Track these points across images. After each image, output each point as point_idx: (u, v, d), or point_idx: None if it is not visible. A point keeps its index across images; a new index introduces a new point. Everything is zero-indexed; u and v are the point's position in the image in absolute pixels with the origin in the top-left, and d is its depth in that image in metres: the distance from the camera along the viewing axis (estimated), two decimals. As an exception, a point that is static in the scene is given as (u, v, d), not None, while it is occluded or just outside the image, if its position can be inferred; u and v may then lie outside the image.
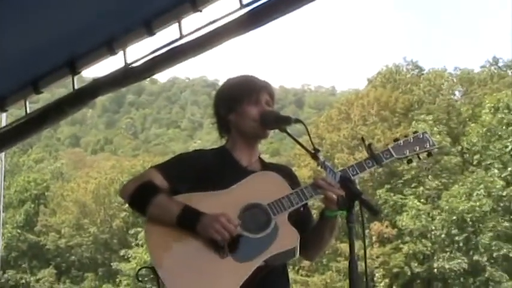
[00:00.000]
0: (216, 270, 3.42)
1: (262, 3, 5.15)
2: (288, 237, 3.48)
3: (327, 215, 3.59)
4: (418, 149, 3.82)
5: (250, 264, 3.40)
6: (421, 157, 3.87)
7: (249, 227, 3.48)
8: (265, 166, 3.88)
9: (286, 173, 3.84)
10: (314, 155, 3.47)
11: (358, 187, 3.26)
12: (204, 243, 3.46)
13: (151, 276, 3.56)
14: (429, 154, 3.87)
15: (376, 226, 43.91)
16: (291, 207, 3.54)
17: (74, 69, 6.57)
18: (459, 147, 46.85)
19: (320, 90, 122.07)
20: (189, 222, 3.48)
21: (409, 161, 3.87)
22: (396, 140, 3.85)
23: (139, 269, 3.84)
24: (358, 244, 3.22)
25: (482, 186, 42.01)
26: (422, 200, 44.38)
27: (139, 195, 3.64)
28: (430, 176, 45.48)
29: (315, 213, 3.88)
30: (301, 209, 3.65)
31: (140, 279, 3.81)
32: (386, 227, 44.07)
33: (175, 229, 3.50)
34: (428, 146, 3.84)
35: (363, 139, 3.81)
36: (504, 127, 43.23)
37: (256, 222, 3.50)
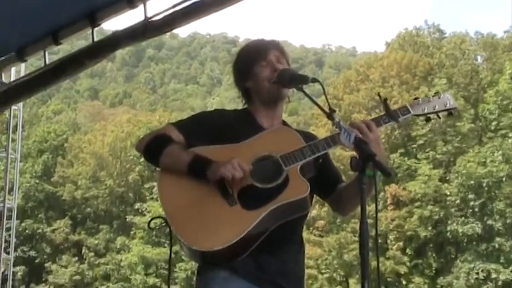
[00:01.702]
0: (224, 216, 3.43)
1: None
2: (297, 188, 3.47)
3: (366, 173, 3.57)
4: (437, 107, 3.78)
5: (258, 212, 3.41)
6: (440, 116, 3.83)
7: (259, 178, 3.48)
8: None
9: (309, 136, 3.80)
10: (329, 115, 3.44)
11: (372, 148, 3.23)
12: (215, 191, 3.47)
13: (163, 226, 3.59)
14: (450, 114, 3.83)
15: (391, 189, 43.93)
16: (303, 160, 3.53)
17: (93, 21, 6.55)
18: (476, 113, 46.65)
19: (341, 50, 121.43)
20: (199, 169, 3.48)
21: (428, 119, 3.84)
22: (416, 99, 3.81)
23: (152, 219, 3.87)
24: (371, 206, 3.21)
25: (499, 152, 41.88)
26: (435, 165, 44.36)
27: (153, 146, 3.65)
28: (444, 141, 45.38)
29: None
30: (319, 162, 3.65)
31: (152, 228, 3.84)
32: (403, 189, 44.08)
33: (187, 177, 3.51)
34: (448, 106, 3.80)
35: (379, 94, 3.77)
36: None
37: (267, 173, 3.50)
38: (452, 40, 52.76)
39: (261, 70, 3.73)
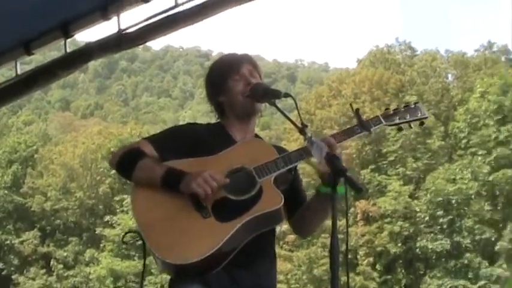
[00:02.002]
0: (198, 229, 3.42)
1: (259, -24, 5.13)
2: (271, 200, 3.47)
3: (320, 190, 3.60)
4: (408, 117, 3.82)
5: (232, 224, 3.40)
6: (412, 126, 3.87)
7: (233, 190, 3.48)
8: None
9: (281, 151, 3.78)
10: (302, 130, 3.46)
11: (343, 164, 3.26)
12: (188, 204, 3.47)
13: (137, 240, 3.58)
14: (421, 123, 3.87)
15: (361, 204, 44.13)
16: (277, 171, 3.53)
17: (66, 32, 6.52)
18: (446, 131, 47.12)
19: (313, 66, 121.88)
20: (172, 181, 3.48)
21: (400, 129, 3.88)
22: (387, 108, 3.87)
23: (125, 233, 3.86)
24: (342, 222, 3.22)
25: (469, 170, 42.30)
26: (405, 181, 44.68)
27: (126, 160, 3.65)
28: (414, 158, 45.76)
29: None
30: (291, 174, 3.67)
31: (126, 242, 3.83)
32: (372, 205, 44.30)
33: (160, 191, 3.51)
34: (419, 115, 3.84)
35: (351, 105, 3.83)
36: (491, 114, 43.47)
37: (241, 185, 3.50)
38: (424, 58, 53.31)
39: (235, 84, 3.74)
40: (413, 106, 3.86)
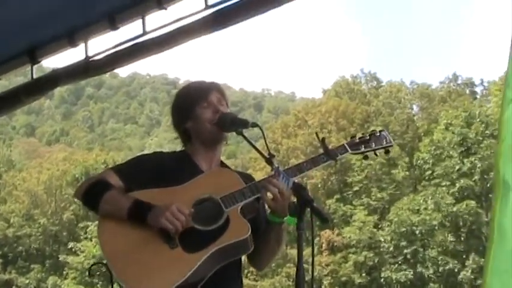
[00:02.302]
0: (166, 260, 3.41)
1: (227, 6, 5.15)
2: (238, 229, 3.47)
3: (271, 220, 3.59)
4: (374, 145, 3.83)
5: (200, 255, 3.40)
6: (377, 154, 3.88)
7: (200, 220, 3.48)
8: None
9: (247, 178, 3.81)
10: (268, 160, 3.47)
11: (310, 194, 3.27)
12: (155, 235, 3.45)
13: (103, 270, 3.56)
14: (387, 151, 3.89)
15: (326, 234, 44.17)
16: (244, 200, 3.53)
17: (33, 58, 6.49)
18: (411, 161, 47.51)
19: (280, 95, 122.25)
20: (139, 214, 3.46)
21: (365, 157, 3.89)
22: (353, 136, 3.87)
23: (92, 265, 3.86)
24: (307, 251, 3.23)
25: (432, 200, 42.60)
26: (370, 211, 44.88)
27: (92, 193, 3.62)
28: (379, 188, 45.99)
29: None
30: (258, 203, 3.65)
31: (91, 274, 3.81)
32: (338, 235, 44.38)
33: (127, 223, 3.49)
34: (384, 143, 3.86)
35: (317, 134, 3.80)
36: (455, 146, 43.91)
37: (208, 215, 3.49)
38: (389, 89, 53.83)
39: (203, 111, 3.73)
40: (378, 134, 3.87)
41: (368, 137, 3.84)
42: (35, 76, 6.72)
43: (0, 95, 7.15)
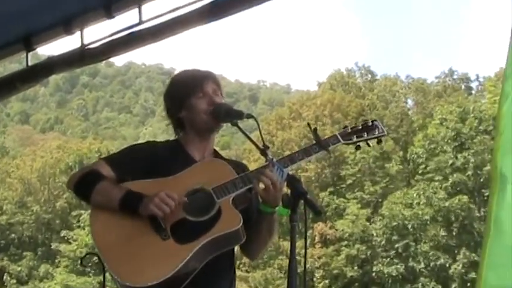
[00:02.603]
0: (157, 251, 3.42)
1: (224, -4, 5.15)
2: (230, 220, 3.48)
3: (262, 209, 3.59)
4: (366, 135, 3.82)
5: (191, 246, 3.40)
6: (370, 144, 3.87)
7: (192, 211, 3.48)
8: (220, 158, 3.86)
9: (240, 167, 3.81)
10: (263, 151, 3.48)
11: (304, 186, 3.27)
12: (147, 226, 3.46)
13: (95, 261, 3.56)
14: (379, 141, 3.88)
15: (319, 227, 44.22)
16: (235, 191, 3.53)
17: (29, 45, 6.48)
18: (405, 156, 47.56)
19: (275, 87, 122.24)
20: (131, 204, 3.47)
21: (357, 147, 3.87)
22: (345, 127, 3.85)
23: (85, 255, 3.84)
24: (300, 243, 3.24)
25: (425, 195, 42.67)
26: (362, 205, 44.92)
27: (84, 183, 3.63)
28: (372, 182, 46.03)
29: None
30: (249, 195, 3.65)
31: (85, 266, 3.81)
32: (330, 228, 44.43)
33: (119, 214, 3.50)
34: (377, 133, 3.84)
35: (309, 124, 3.79)
36: (449, 141, 43.97)
37: (200, 206, 3.50)
38: (383, 82, 53.82)
39: (198, 102, 3.73)
40: (371, 124, 3.86)
41: (360, 127, 3.84)
42: (30, 63, 6.72)
43: (-5, 82, 7.14)
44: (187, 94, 3.76)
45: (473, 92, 54.84)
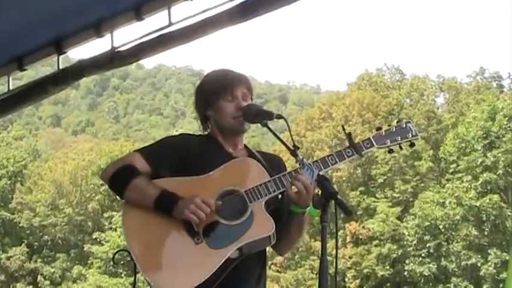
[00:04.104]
0: (190, 256, 3.42)
1: (254, -3, 5.15)
2: (262, 226, 3.47)
3: (292, 210, 3.57)
4: (399, 138, 3.78)
5: (224, 251, 3.41)
6: (402, 147, 3.83)
7: (225, 214, 3.48)
8: (252, 154, 3.84)
9: (273, 162, 3.81)
10: (293, 152, 3.47)
11: (334, 186, 3.25)
12: (180, 228, 3.46)
13: (127, 259, 3.56)
14: (412, 144, 3.83)
15: (351, 226, 44.11)
16: (268, 195, 3.52)
17: (59, 48, 6.52)
18: (435, 154, 47.29)
19: (305, 88, 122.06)
20: (166, 205, 3.47)
21: (390, 151, 3.84)
22: (378, 129, 3.81)
23: (116, 252, 3.84)
24: (331, 243, 3.24)
25: (455, 194, 42.39)
26: (392, 204, 44.73)
27: (118, 178, 3.62)
28: (403, 181, 45.81)
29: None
30: (280, 196, 3.62)
31: (116, 262, 3.82)
32: (363, 227, 44.30)
33: (153, 213, 3.49)
34: (410, 136, 3.80)
35: (343, 128, 3.76)
36: (479, 140, 43.62)
37: (233, 209, 3.49)
38: (413, 81, 53.53)
39: (226, 105, 3.74)
40: (404, 125, 3.81)
41: (394, 130, 3.79)
42: (61, 67, 6.77)
43: (27, 85, 7.20)
44: (216, 95, 3.76)
45: (505, 90, 54.39)
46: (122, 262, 3.87)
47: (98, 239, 49.98)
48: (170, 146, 3.77)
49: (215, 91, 3.77)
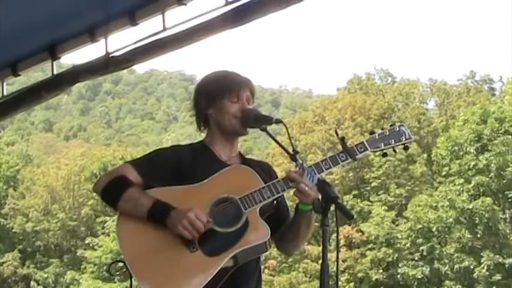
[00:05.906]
0: (185, 264, 3.43)
1: (247, 2, 5.17)
2: (258, 232, 3.49)
3: (301, 208, 3.58)
4: (393, 142, 3.78)
5: (219, 259, 3.42)
6: (396, 150, 3.83)
7: (219, 222, 3.48)
8: (245, 161, 3.85)
9: (264, 168, 3.82)
10: (293, 156, 3.48)
11: (335, 191, 3.26)
12: (175, 237, 3.46)
13: (123, 270, 3.57)
14: (406, 148, 3.84)
15: (345, 230, 44.08)
16: (263, 202, 3.52)
17: (54, 54, 6.53)
18: (428, 157, 47.34)
19: (297, 91, 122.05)
20: (159, 216, 3.47)
21: (384, 154, 3.84)
22: (372, 132, 3.81)
23: (112, 263, 3.85)
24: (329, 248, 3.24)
25: (449, 197, 42.42)
26: (387, 208, 44.73)
27: (111, 190, 3.63)
28: (397, 184, 45.82)
29: (291, 206, 3.86)
30: (275, 202, 3.63)
31: (112, 274, 3.84)
32: (357, 231, 44.27)
33: (146, 223, 3.50)
34: (404, 139, 3.81)
35: (336, 132, 3.80)
36: (471, 143, 43.67)
37: (227, 217, 3.50)
38: (404, 85, 53.67)
39: (230, 105, 3.75)
40: (398, 129, 3.83)
41: (387, 133, 3.80)
42: (55, 72, 6.77)
43: (22, 91, 7.21)
44: (222, 94, 3.77)
45: (496, 93, 54.50)
46: (118, 272, 3.89)
47: (91, 244, 49.82)
48: (161, 158, 3.77)
49: (221, 90, 3.78)
